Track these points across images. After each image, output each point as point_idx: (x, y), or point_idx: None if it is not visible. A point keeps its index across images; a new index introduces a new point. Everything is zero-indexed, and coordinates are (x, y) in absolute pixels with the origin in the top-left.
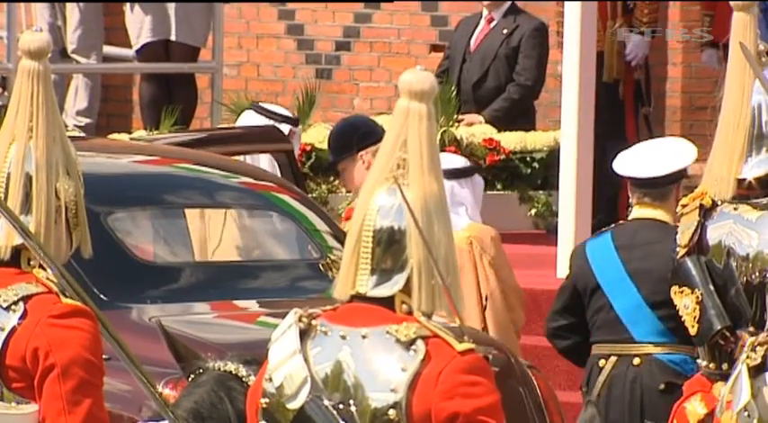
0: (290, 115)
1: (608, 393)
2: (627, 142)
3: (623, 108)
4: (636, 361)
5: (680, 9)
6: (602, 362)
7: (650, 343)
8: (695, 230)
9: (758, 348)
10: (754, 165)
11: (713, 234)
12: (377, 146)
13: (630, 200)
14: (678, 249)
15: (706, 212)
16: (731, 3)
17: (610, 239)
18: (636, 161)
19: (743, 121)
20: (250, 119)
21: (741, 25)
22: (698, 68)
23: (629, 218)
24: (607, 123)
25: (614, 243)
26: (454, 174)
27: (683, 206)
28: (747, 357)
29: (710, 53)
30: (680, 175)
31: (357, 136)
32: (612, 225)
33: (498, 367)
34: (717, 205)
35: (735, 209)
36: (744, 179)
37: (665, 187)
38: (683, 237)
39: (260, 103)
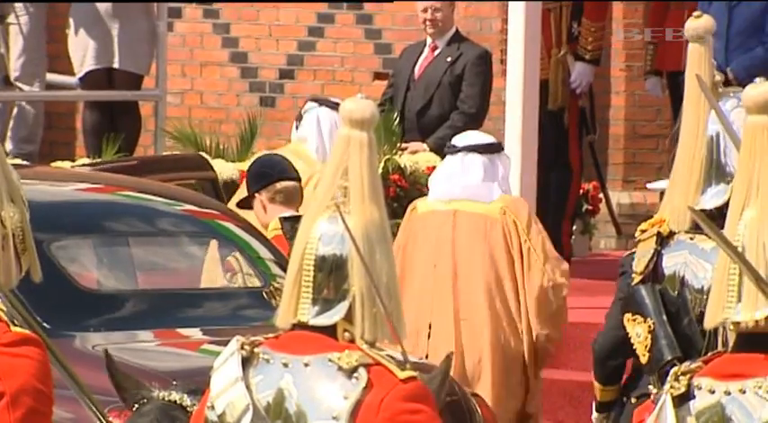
0: None
1: None
2: (571, 170)
3: (567, 136)
4: None
5: (623, 37)
6: None
7: None
8: (651, 258)
9: (681, 378)
10: (713, 195)
11: (669, 263)
12: (271, 187)
13: None
14: (633, 276)
15: (663, 240)
16: (686, 34)
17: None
18: None
19: (699, 152)
20: (317, 116)
21: (696, 56)
22: (641, 97)
23: None
24: (551, 151)
25: None
26: (487, 149)
27: (642, 232)
28: (671, 387)
29: (654, 81)
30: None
31: (251, 178)
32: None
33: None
34: (674, 234)
35: (691, 239)
36: (702, 210)
37: None
38: (639, 264)
39: (320, 97)
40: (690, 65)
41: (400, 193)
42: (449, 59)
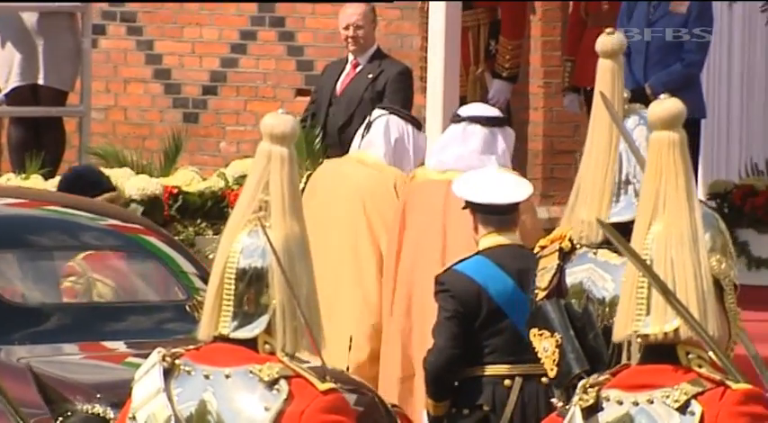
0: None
1: (522, 413)
2: None
3: None
4: (544, 379)
5: (541, 54)
6: (507, 382)
7: None
8: (554, 273)
9: (590, 390)
10: (620, 210)
11: (572, 277)
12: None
13: (476, 227)
14: (537, 292)
15: (565, 255)
16: (597, 50)
17: (492, 264)
18: (482, 188)
19: (611, 167)
20: (387, 122)
21: (608, 72)
22: (559, 113)
23: (485, 247)
24: None
25: (500, 267)
26: (489, 121)
27: (541, 248)
28: (580, 399)
29: (572, 98)
30: (518, 205)
31: (80, 189)
32: (477, 252)
33: (362, 407)
34: (575, 249)
35: (594, 253)
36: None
37: (509, 214)
38: (543, 279)
39: (387, 105)
40: (599, 81)
41: None
42: (370, 76)
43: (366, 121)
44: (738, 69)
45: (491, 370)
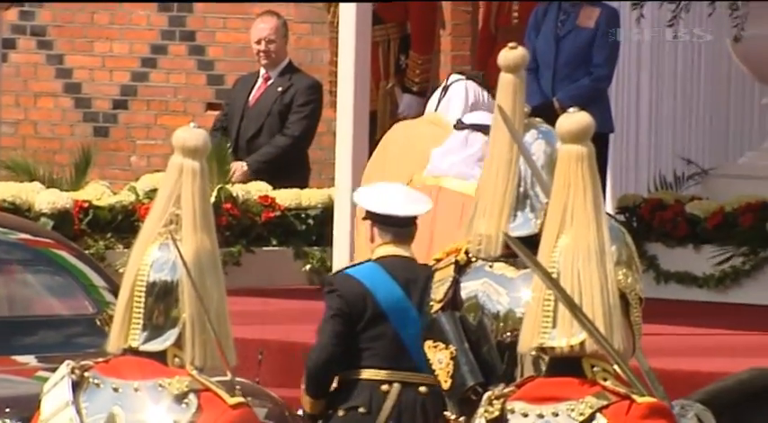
0: None
1: (398, 420)
2: None
3: None
4: (422, 389)
5: (450, 69)
6: (384, 387)
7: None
8: (450, 286)
9: (495, 402)
10: (520, 225)
11: (467, 291)
12: None
13: (372, 237)
14: (432, 304)
15: (460, 268)
16: (499, 64)
17: (384, 272)
18: (383, 200)
19: (511, 181)
20: (465, 86)
21: (509, 87)
22: None
23: (378, 256)
24: None
25: (392, 276)
26: (485, 130)
27: (437, 261)
28: (485, 411)
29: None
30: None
31: None
32: (368, 259)
33: (272, 421)
34: (471, 262)
35: (490, 266)
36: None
37: (407, 227)
38: (438, 292)
39: (464, 70)
40: (500, 95)
41: (232, 221)
42: (280, 89)
43: (443, 85)
44: (647, 83)
45: (369, 373)
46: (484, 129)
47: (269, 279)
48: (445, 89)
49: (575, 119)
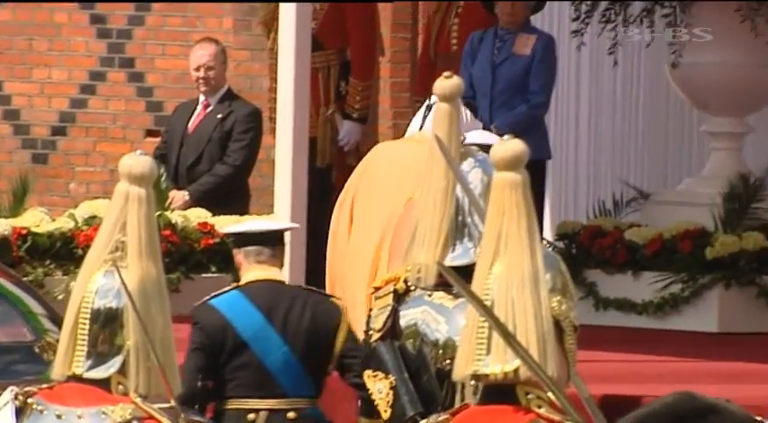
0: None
1: None
2: None
3: (336, 193)
4: (291, 415)
5: (390, 96)
6: (251, 416)
7: (303, 397)
8: (389, 315)
9: None
10: (459, 254)
11: (406, 319)
12: None
13: (240, 263)
14: (372, 333)
15: (399, 297)
16: (435, 93)
17: (245, 300)
18: (251, 224)
19: (448, 210)
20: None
21: (445, 116)
22: None
23: (244, 282)
24: (320, 208)
25: (253, 303)
26: (487, 150)
27: (376, 289)
28: None
29: None
30: (283, 237)
31: None
32: (233, 286)
33: None
34: (410, 290)
35: (429, 296)
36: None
37: (280, 245)
38: (377, 321)
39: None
40: (436, 124)
41: (171, 248)
42: (219, 116)
43: (426, 104)
44: (586, 110)
45: (236, 403)
46: (484, 148)
47: None
48: (428, 108)
49: (508, 146)
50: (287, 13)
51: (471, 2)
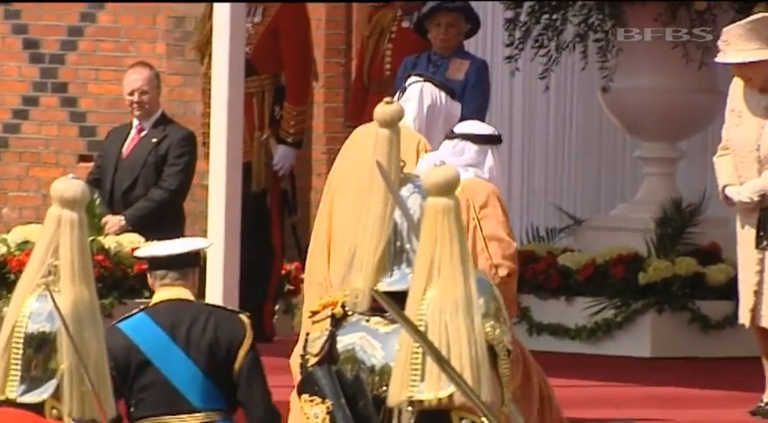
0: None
1: None
2: (274, 251)
3: (270, 217)
4: None
5: (324, 120)
6: None
7: (215, 411)
8: (326, 340)
9: None
10: (397, 280)
11: (344, 344)
12: None
13: (152, 286)
14: (309, 358)
15: (337, 322)
16: (375, 119)
17: (149, 320)
18: (157, 247)
19: (386, 236)
20: (421, 88)
21: (385, 141)
22: None
23: (151, 303)
24: (254, 232)
25: (156, 322)
26: (480, 139)
27: (312, 314)
28: None
29: None
30: (196, 257)
31: None
32: (142, 308)
33: None
34: (347, 315)
35: (367, 321)
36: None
37: (186, 267)
38: (314, 346)
39: (425, 73)
40: (376, 150)
41: (104, 273)
42: (154, 141)
43: (401, 87)
44: (519, 136)
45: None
46: (474, 138)
47: None
48: (403, 90)
49: (441, 172)
50: (220, 38)
51: (404, 27)
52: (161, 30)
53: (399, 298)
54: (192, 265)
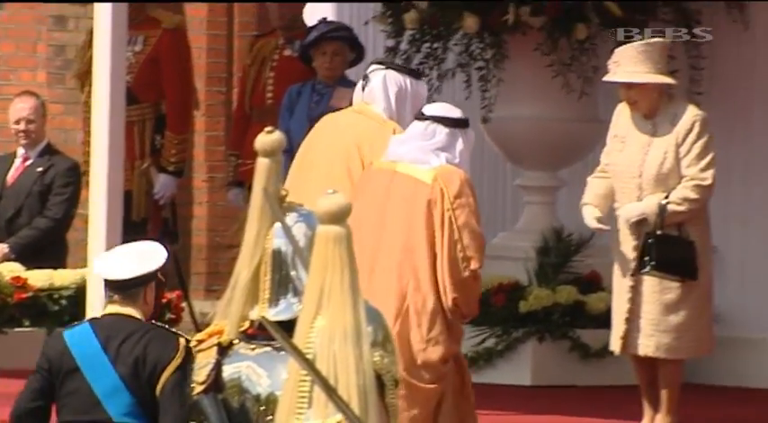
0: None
1: None
2: None
3: None
4: None
5: (205, 149)
6: None
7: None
8: (212, 368)
9: None
10: (282, 309)
11: (229, 373)
12: None
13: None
14: (194, 386)
15: (223, 350)
16: (256, 148)
17: (90, 330)
18: (110, 264)
19: (269, 264)
20: (384, 77)
21: (266, 171)
22: (223, 208)
23: (101, 314)
24: None
25: (95, 332)
26: (450, 122)
27: (199, 342)
28: None
29: (236, 192)
30: (147, 278)
31: None
32: (90, 318)
33: None
34: (233, 344)
35: (252, 349)
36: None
37: (133, 289)
38: (200, 374)
39: (385, 59)
40: (258, 178)
41: None
42: (40, 170)
43: (363, 74)
44: None
45: None
46: (445, 121)
47: (22, 360)
48: (365, 78)
49: (333, 200)
50: (101, 67)
51: (286, 56)
52: (42, 58)
53: (285, 327)
54: (140, 285)
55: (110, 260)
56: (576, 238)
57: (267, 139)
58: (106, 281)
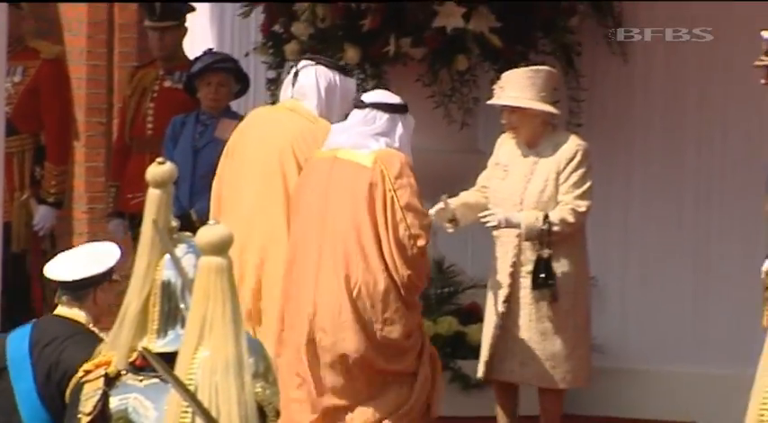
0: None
1: None
2: (34, 314)
3: (29, 278)
4: None
5: (85, 180)
6: None
7: None
8: (99, 399)
9: None
10: (170, 340)
11: (116, 404)
12: None
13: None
14: (81, 417)
15: (110, 381)
16: (147, 179)
17: (28, 331)
18: (60, 265)
19: (158, 295)
20: (315, 73)
21: (156, 202)
22: (103, 239)
23: (51, 315)
24: (13, 294)
25: (30, 334)
26: (390, 108)
27: (86, 372)
28: None
29: (117, 223)
30: (95, 280)
31: None
32: (34, 320)
33: None
34: (121, 375)
35: (140, 381)
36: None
37: (81, 290)
38: (87, 404)
39: (315, 55)
40: (148, 209)
41: None
42: None
43: (293, 70)
44: None
45: None
46: (382, 106)
47: None
48: (296, 75)
49: (215, 231)
50: None
51: (166, 87)
52: None
53: (173, 359)
54: (88, 286)
55: (61, 261)
56: (456, 270)
57: (158, 170)
58: (57, 282)
